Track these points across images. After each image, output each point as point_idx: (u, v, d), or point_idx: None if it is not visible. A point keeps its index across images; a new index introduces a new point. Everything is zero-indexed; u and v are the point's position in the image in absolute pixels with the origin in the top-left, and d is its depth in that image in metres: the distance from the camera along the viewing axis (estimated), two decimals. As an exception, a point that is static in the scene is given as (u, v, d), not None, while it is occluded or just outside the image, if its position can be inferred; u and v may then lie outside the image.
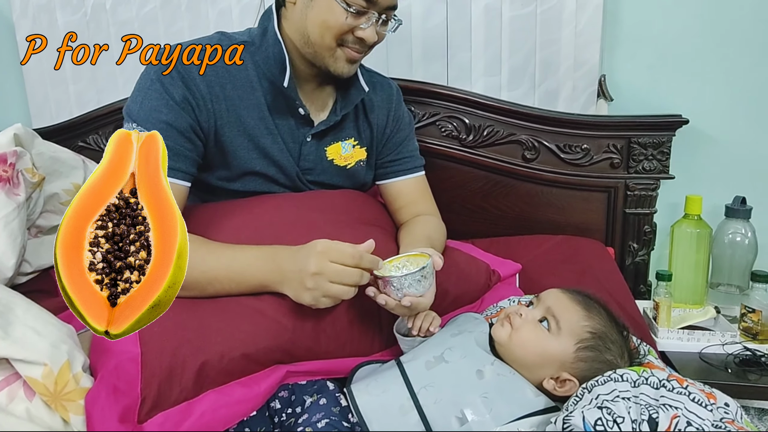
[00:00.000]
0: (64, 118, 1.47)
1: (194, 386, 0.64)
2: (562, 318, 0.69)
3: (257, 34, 0.90)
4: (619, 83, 1.30)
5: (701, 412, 0.51)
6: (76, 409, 0.59)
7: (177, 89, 0.81)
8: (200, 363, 0.65)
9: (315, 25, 0.83)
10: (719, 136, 1.30)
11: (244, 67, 0.88)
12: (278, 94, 0.89)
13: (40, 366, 0.58)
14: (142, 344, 0.65)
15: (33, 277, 1.02)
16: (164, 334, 0.66)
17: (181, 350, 0.65)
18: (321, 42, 0.84)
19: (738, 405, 0.55)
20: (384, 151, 1.03)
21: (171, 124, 0.80)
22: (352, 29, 0.83)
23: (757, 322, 1.06)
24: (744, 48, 1.25)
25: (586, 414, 0.52)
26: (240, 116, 0.87)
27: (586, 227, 1.29)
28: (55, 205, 1.07)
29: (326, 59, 0.85)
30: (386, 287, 0.70)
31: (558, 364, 0.68)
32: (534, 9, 1.27)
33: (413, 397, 0.65)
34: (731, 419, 0.52)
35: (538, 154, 1.28)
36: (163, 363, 0.64)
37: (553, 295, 0.73)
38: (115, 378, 0.63)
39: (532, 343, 0.69)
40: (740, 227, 1.17)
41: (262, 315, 0.71)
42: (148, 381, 0.62)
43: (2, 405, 0.57)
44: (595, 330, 0.68)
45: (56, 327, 0.63)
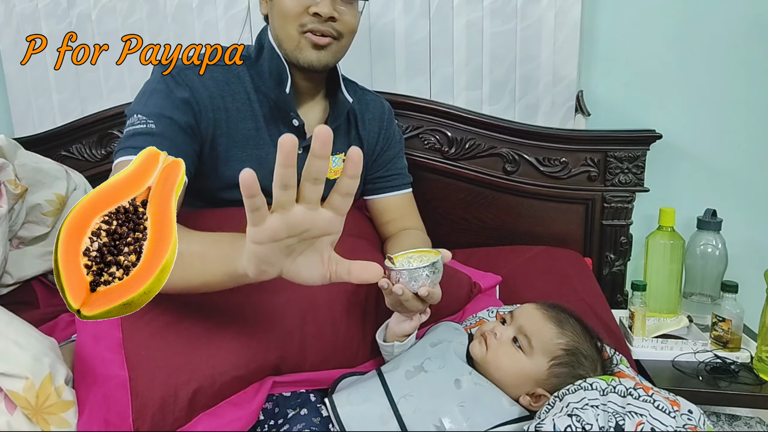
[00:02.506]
0: (47, 128, 1.47)
1: (187, 414, 0.64)
2: (534, 337, 0.71)
3: (254, 50, 0.93)
4: (596, 98, 1.34)
5: (664, 419, 0.53)
6: (58, 422, 0.59)
7: (181, 92, 0.84)
8: (192, 390, 0.65)
9: (279, 21, 0.86)
10: (691, 150, 1.34)
11: (242, 81, 0.90)
12: (274, 106, 0.91)
13: (22, 379, 0.58)
14: (129, 369, 0.64)
15: (14, 288, 1.02)
16: (152, 359, 0.66)
17: (172, 379, 0.64)
18: (287, 36, 0.86)
19: (701, 412, 0.58)
20: (374, 167, 1.05)
21: (173, 119, 0.82)
22: (307, 9, 0.84)
23: (727, 330, 1.09)
24: (715, 66, 1.30)
25: (557, 421, 0.54)
26: (237, 128, 0.89)
27: (565, 238, 1.32)
28: (38, 216, 1.07)
29: (294, 52, 0.87)
30: (399, 280, 0.69)
31: (533, 381, 0.70)
32: (514, 26, 1.30)
33: (393, 407, 0.66)
34: (694, 425, 0.55)
35: (518, 166, 1.31)
36: (154, 394, 0.63)
37: (526, 313, 0.75)
38: (105, 410, 0.62)
39: (506, 364, 0.71)
40: (711, 239, 1.21)
41: (249, 335, 0.71)
42: (140, 412, 0.62)
43: (-17, 418, 0.57)
44: (568, 347, 0.71)
45: (38, 340, 0.63)
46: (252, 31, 1.37)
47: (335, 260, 0.56)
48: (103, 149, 1.42)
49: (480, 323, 0.87)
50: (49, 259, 1.08)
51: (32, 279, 1.04)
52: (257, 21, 1.35)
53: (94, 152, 1.43)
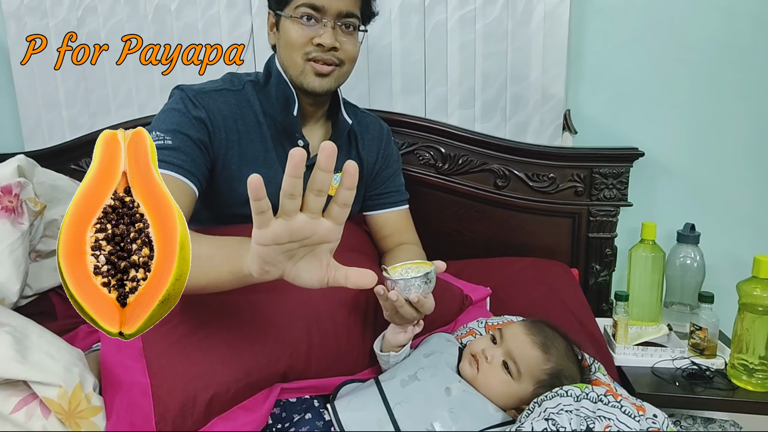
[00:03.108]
0: (56, 142, 1.51)
1: (204, 417, 0.70)
2: (522, 364, 0.77)
3: (262, 76, 0.99)
4: (583, 117, 1.40)
5: (630, 423, 0.60)
6: (88, 425, 0.65)
7: (197, 112, 0.91)
8: (209, 396, 0.71)
9: (285, 50, 0.93)
10: (672, 167, 1.41)
11: (251, 105, 0.97)
12: (281, 128, 0.98)
13: (56, 387, 0.64)
14: (151, 376, 0.71)
15: (32, 300, 1.08)
16: (172, 366, 0.72)
17: (191, 386, 0.71)
18: (292, 63, 0.92)
19: (665, 416, 0.65)
20: (372, 185, 1.11)
21: (189, 135, 0.88)
22: (311, 39, 0.90)
23: (703, 338, 1.15)
24: (694, 87, 1.37)
25: (535, 424, 0.61)
26: (248, 148, 0.95)
27: (553, 250, 1.38)
28: (54, 231, 1.13)
29: (299, 77, 0.93)
30: (394, 288, 0.75)
31: (518, 400, 0.77)
32: (505, 48, 1.37)
33: (389, 412, 0.73)
34: (657, 428, 0.61)
35: (508, 182, 1.37)
36: (175, 399, 0.69)
37: (514, 337, 0.80)
38: (130, 414, 0.68)
39: (495, 386, 0.77)
40: (690, 251, 1.28)
41: (262, 344, 0.77)
42: (162, 416, 0.68)
43: (21, 422, 0.63)
44: (552, 371, 0.77)
45: (67, 351, 0.70)
46: (255, 52, 1.43)
47: (334, 266, 0.60)
48: (111, 163, 1.48)
49: (470, 333, 0.94)
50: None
51: (50, 290, 1.10)
52: (259, 45, 1.41)
53: (102, 165, 1.49)
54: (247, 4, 1.41)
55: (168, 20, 1.44)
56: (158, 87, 1.49)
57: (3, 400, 0.65)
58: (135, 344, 0.75)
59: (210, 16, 1.43)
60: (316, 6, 0.89)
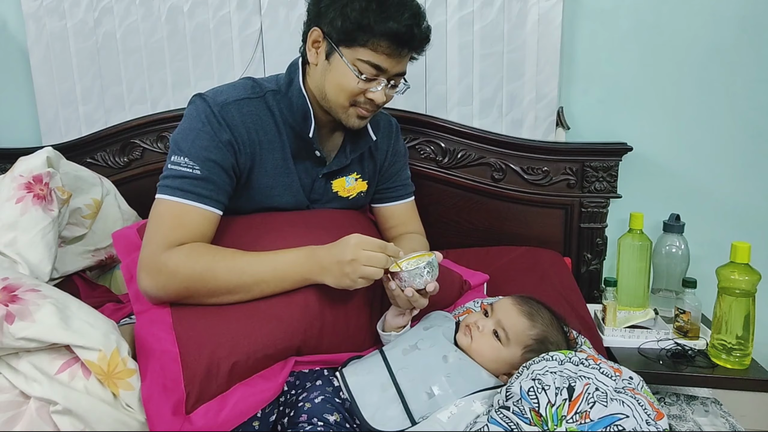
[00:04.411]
0: (73, 137, 1.58)
1: (227, 382, 0.78)
2: (510, 330, 0.84)
3: (284, 83, 0.99)
4: (575, 114, 1.47)
5: (606, 381, 0.67)
6: (124, 385, 0.73)
7: (224, 133, 0.91)
8: (232, 363, 0.78)
9: (332, 86, 0.93)
10: (658, 161, 1.48)
11: (272, 113, 0.97)
12: (299, 139, 0.99)
13: (96, 351, 0.72)
14: (180, 345, 0.78)
15: (58, 282, 1.15)
16: (198, 338, 0.79)
17: (216, 353, 0.78)
18: (336, 100, 0.94)
19: (641, 378, 0.72)
20: (381, 179, 1.15)
21: (217, 162, 0.90)
22: (363, 92, 0.93)
23: (687, 321, 1.22)
24: (680, 86, 1.44)
25: (522, 384, 0.68)
26: (268, 158, 0.97)
27: (546, 239, 1.45)
28: (77, 218, 1.21)
29: (340, 114, 0.96)
30: (404, 279, 0.83)
31: (509, 365, 0.84)
32: (501, 49, 1.43)
33: (392, 377, 0.80)
34: (632, 388, 0.69)
35: (504, 175, 1.45)
36: (201, 364, 0.77)
37: (503, 307, 0.87)
38: (162, 377, 0.76)
39: (487, 352, 0.84)
40: (675, 240, 1.35)
41: (279, 320, 0.84)
42: (190, 379, 0.75)
43: (65, 381, 0.71)
44: (538, 337, 0.84)
45: (104, 321, 0.77)
46: (264, 51, 1.50)
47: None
48: (125, 157, 1.54)
49: (467, 312, 1.01)
50: (88, 256, 1.21)
51: (73, 273, 1.18)
52: (268, 44, 1.48)
53: (117, 160, 1.55)
54: (257, 5, 1.49)
55: (180, 20, 1.52)
56: (170, 84, 1.56)
57: (49, 362, 0.72)
58: (165, 319, 0.83)
59: (221, 17, 1.50)
60: (381, 68, 0.91)
